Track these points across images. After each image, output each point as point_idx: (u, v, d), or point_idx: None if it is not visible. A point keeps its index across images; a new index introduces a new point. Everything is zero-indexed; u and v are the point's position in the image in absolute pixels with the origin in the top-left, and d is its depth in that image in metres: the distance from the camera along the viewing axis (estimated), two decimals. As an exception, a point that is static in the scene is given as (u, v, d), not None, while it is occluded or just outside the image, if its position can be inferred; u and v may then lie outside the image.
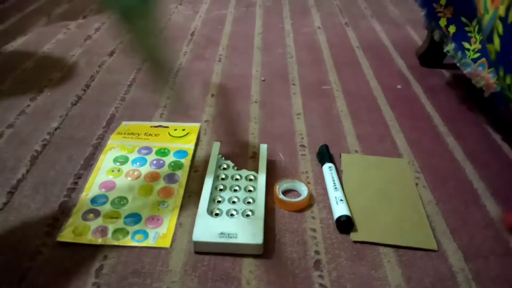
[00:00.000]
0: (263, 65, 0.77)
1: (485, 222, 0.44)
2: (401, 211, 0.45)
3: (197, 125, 0.58)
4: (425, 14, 0.67)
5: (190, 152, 0.53)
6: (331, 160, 0.51)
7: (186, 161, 0.51)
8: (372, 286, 0.37)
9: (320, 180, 0.50)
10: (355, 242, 0.42)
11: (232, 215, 0.42)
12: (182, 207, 0.45)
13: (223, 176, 0.48)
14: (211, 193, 0.44)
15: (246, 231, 0.40)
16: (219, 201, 0.44)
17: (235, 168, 0.49)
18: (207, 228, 0.40)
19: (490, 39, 0.45)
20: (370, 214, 0.44)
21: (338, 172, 0.50)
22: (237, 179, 0.47)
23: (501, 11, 0.42)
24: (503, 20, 0.42)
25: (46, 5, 1.02)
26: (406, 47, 0.85)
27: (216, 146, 0.51)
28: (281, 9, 1.06)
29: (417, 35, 0.91)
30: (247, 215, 0.42)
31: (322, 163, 0.51)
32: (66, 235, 0.41)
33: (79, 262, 0.39)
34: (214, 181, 0.46)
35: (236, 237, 0.39)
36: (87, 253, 0.40)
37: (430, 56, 0.76)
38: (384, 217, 0.44)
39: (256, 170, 0.49)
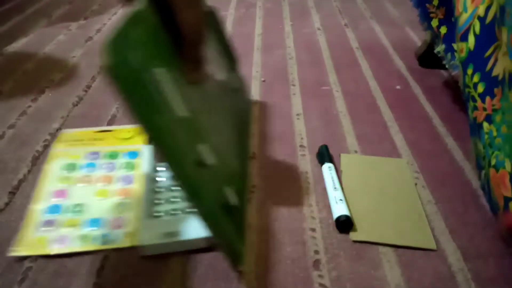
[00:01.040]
0: (263, 66, 0.78)
1: (484, 222, 0.45)
2: (400, 211, 0.45)
3: None
4: (418, 14, 0.68)
5: (140, 153, 0.52)
6: (330, 160, 0.51)
7: (137, 162, 0.50)
8: (371, 286, 0.38)
9: (319, 180, 0.50)
10: (355, 241, 0.42)
11: (172, 214, 0.42)
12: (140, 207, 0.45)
13: (160, 178, 0.47)
14: (149, 196, 0.44)
15: (189, 227, 0.40)
16: (158, 203, 0.44)
17: None
18: (152, 230, 0.40)
19: (464, 38, 0.45)
20: (369, 214, 0.44)
21: (338, 172, 0.50)
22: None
23: (481, 10, 0.43)
24: (482, 19, 0.42)
25: (47, 6, 1.02)
26: (406, 48, 0.85)
27: (147, 150, 0.50)
28: (281, 10, 1.06)
29: (416, 36, 0.91)
30: (188, 212, 0.42)
31: (322, 163, 0.51)
32: (20, 250, 0.39)
33: (81, 262, 0.39)
34: (150, 183, 0.46)
35: (180, 235, 0.39)
36: (89, 253, 0.40)
37: (430, 57, 0.76)
38: (384, 217, 0.44)
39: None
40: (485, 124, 0.41)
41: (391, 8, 1.09)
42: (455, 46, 0.60)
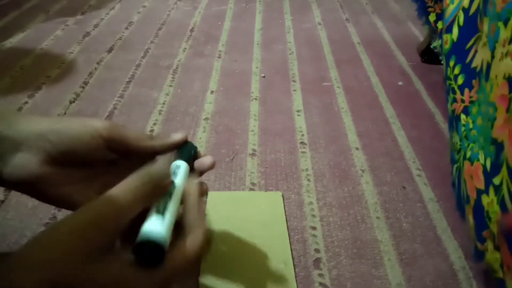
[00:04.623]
0: (263, 62, 0.77)
1: (486, 220, 0.44)
2: (265, 260, 0.39)
3: None
4: (417, 8, 0.67)
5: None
6: (188, 159, 0.32)
7: None
8: (372, 285, 0.37)
9: (320, 177, 0.49)
10: None
11: None
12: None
13: None
14: None
15: None
16: None
17: None
18: None
19: (449, 29, 0.45)
20: (230, 267, 0.38)
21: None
22: None
23: (465, 2, 0.42)
24: (466, 11, 0.42)
25: (44, 1, 1.01)
26: (408, 44, 0.84)
27: None
28: (282, 5, 1.05)
29: (418, 31, 0.90)
30: None
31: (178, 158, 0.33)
32: None
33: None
34: None
35: None
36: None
37: (432, 52, 0.76)
38: (246, 269, 0.38)
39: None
40: (463, 116, 0.40)
41: (393, 3, 1.07)
42: None
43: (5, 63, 0.73)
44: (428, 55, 0.77)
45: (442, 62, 0.62)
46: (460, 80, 0.41)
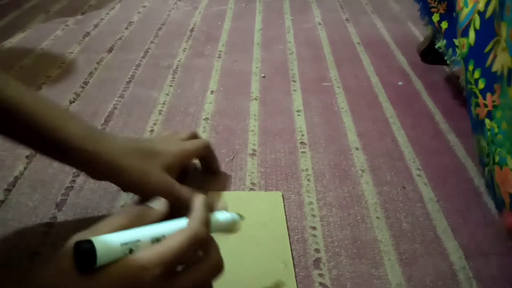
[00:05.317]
0: (263, 62, 0.77)
1: (486, 220, 0.44)
2: (265, 260, 0.38)
3: None
4: (419, 9, 0.67)
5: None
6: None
7: None
8: (372, 285, 0.37)
9: (320, 177, 0.49)
10: None
11: None
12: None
13: None
14: None
15: None
16: None
17: None
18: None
19: (465, 33, 0.45)
20: (230, 267, 0.35)
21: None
22: None
23: (481, 5, 0.42)
24: (482, 14, 0.42)
25: (44, 1, 1.01)
26: (408, 43, 0.84)
27: None
28: (281, 5, 1.05)
29: (418, 31, 0.90)
30: None
31: None
32: None
33: (77, 260, 0.38)
34: None
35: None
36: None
37: (432, 52, 0.76)
38: (246, 269, 0.38)
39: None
40: (487, 121, 0.40)
41: (393, 3, 1.07)
42: (456, 41, 0.59)
43: (5, 63, 0.73)
44: (429, 55, 0.77)
45: (448, 62, 0.62)
46: (481, 85, 0.41)
